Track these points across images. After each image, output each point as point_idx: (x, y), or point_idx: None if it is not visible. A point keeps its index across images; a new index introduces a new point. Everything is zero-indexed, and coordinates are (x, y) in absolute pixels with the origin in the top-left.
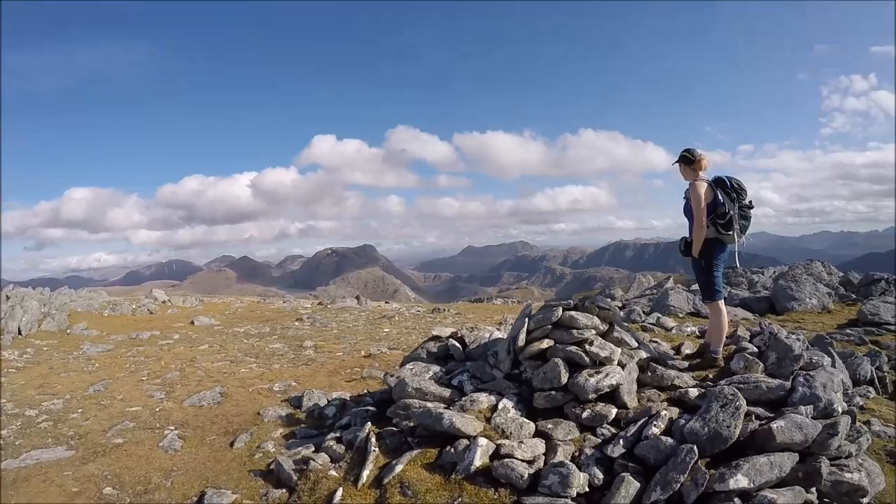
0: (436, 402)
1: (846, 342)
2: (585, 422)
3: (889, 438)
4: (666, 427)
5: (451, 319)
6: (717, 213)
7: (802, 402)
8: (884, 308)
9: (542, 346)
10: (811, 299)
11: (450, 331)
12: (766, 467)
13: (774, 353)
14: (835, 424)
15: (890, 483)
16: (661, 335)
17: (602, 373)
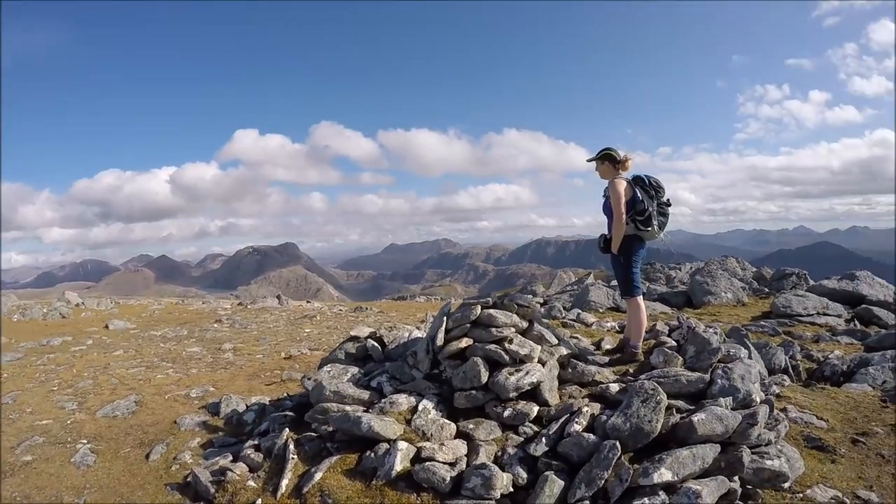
0: (354, 405)
1: (761, 333)
2: (507, 421)
3: (805, 424)
4: (588, 423)
5: (374, 318)
6: (637, 210)
7: (722, 393)
8: (795, 301)
9: (461, 346)
10: (726, 293)
11: (368, 331)
12: (689, 459)
13: (693, 347)
14: (754, 414)
15: (809, 466)
16: (581, 331)
17: (522, 371)
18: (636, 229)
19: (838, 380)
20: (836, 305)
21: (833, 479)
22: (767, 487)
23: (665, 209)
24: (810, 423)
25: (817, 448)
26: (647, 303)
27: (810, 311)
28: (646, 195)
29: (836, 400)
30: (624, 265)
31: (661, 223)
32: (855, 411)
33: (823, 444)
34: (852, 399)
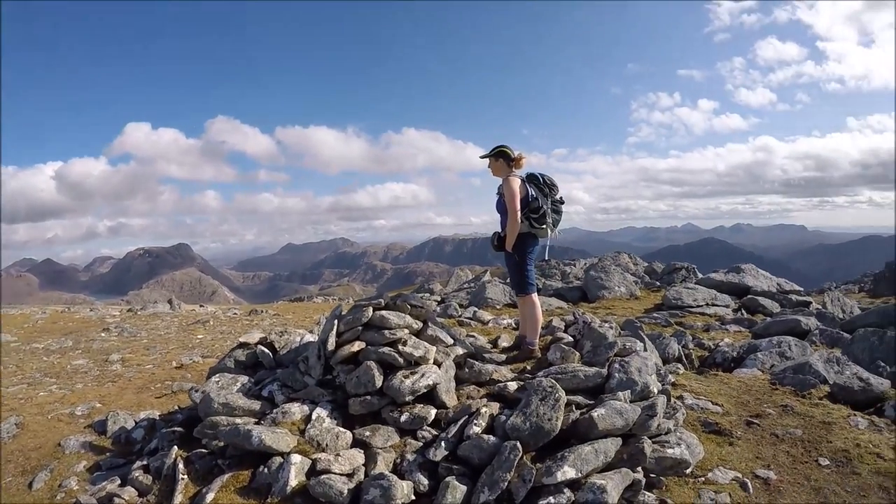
0: (245, 417)
1: (654, 325)
2: (405, 426)
3: (701, 410)
4: (487, 424)
5: (270, 321)
6: (531, 208)
7: (620, 387)
8: (685, 293)
9: (353, 349)
10: (620, 287)
11: (259, 336)
12: (592, 455)
13: (589, 342)
14: (652, 406)
15: (708, 450)
16: (478, 329)
17: (418, 373)
18: (530, 227)
19: (729, 366)
20: (723, 296)
21: (732, 461)
22: (671, 474)
23: (559, 207)
24: (706, 408)
25: (715, 432)
26: (544, 298)
27: (700, 302)
28: (540, 193)
29: (728, 385)
30: (518, 263)
31: (554, 221)
32: (747, 395)
33: (720, 428)
34: (744, 383)
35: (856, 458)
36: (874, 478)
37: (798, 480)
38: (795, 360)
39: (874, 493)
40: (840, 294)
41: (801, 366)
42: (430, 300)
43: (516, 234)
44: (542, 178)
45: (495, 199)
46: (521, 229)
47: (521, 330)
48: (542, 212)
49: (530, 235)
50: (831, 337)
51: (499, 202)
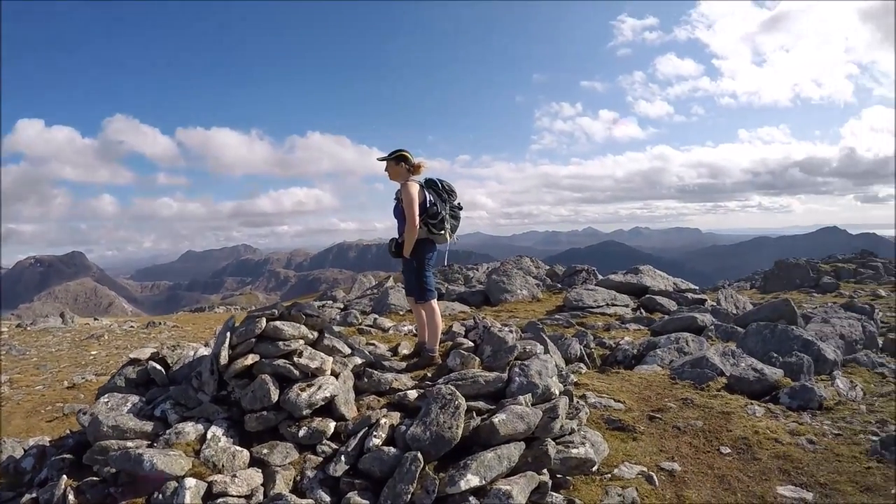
0: (137, 440)
1: (556, 326)
2: (303, 440)
3: (604, 408)
4: (388, 435)
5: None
6: (429, 214)
7: (521, 391)
8: (586, 294)
9: (247, 363)
10: (522, 290)
11: (150, 351)
12: (495, 461)
13: (490, 347)
14: (554, 408)
15: (613, 447)
16: (378, 337)
17: (314, 385)
18: (428, 233)
19: (631, 363)
20: (623, 297)
21: (637, 456)
22: (577, 474)
23: (457, 213)
24: (609, 406)
25: (618, 429)
26: (446, 303)
27: (600, 302)
28: (438, 199)
29: (630, 382)
30: (417, 269)
31: (453, 227)
32: (649, 390)
33: (624, 425)
34: (645, 379)
35: (755, 444)
36: (774, 461)
37: (702, 470)
38: (693, 355)
39: (775, 476)
40: (733, 291)
41: (698, 360)
42: (332, 308)
43: (414, 240)
44: (440, 184)
45: (393, 205)
46: (420, 235)
47: (420, 336)
48: (441, 217)
49: (428, 241)
50: (726, 332)
51: (396, 207)
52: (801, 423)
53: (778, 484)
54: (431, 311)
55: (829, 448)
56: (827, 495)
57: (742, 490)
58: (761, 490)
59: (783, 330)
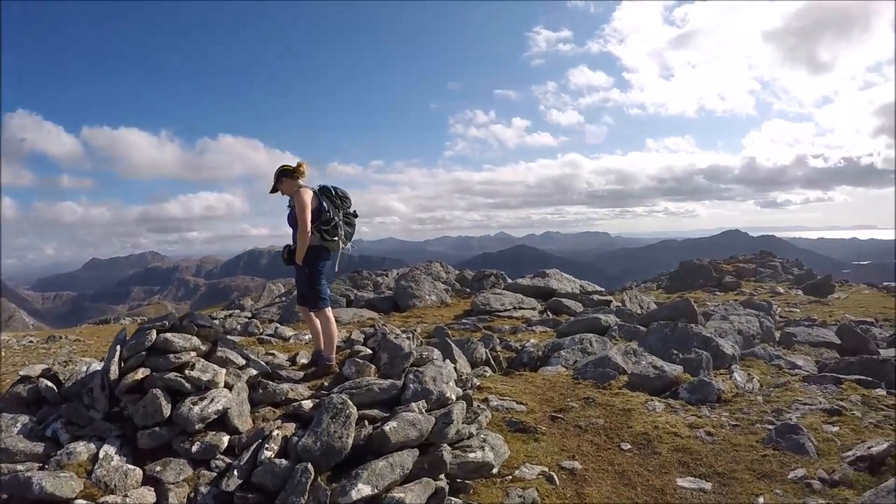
0: (29, 462)
1: (463, 330)
2: (197, 456)
3: (507, 410)
4: (281, 447)
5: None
6: (322, 220)
7: (415, 398)
8: (493, 298)
9: (137, 377)
10: (430, 296)
11: (41, 368)
12: (388, 469)
13: (386, 354)
14: (448, 413)
15: (514, 449)
16: (279, 346)
17: (207, 398)
18: (322, 240)
19: (536, 365)
20: (530, 300)
21: (538, 456)
22: (476, 477)
23: (351, 220)
24: (511, 408)
25: (520, 430)
26: (355, 310)
27: (507, 306)
28: (332, 205)
29: (533, 383)
30: (310, 276)
31: (347, 233)
32: (552, 391)
33: (526, 426)
34: (548, 381)
35: (655, 439)
36: (674, 455)
37: (602, 467)
38: (596, 355)
39: (674, 469)
40: (637, 292)
41: (601, 360)
42: (240, 317)
43: (306, 247)
44: (334, 191)
45: (287, 213)
46: (313, 242)
47: (316, 345)
48: (334, 224)
49: (322, 248)
50: (629, 331)
51: (290, 215)
52: (700, 417)
53: (677, 476)
54: (326, 319)
55: (727, 439)
56: (725, 484)
57: (642, 484)
58: (661, 483)
59: (683, 328)
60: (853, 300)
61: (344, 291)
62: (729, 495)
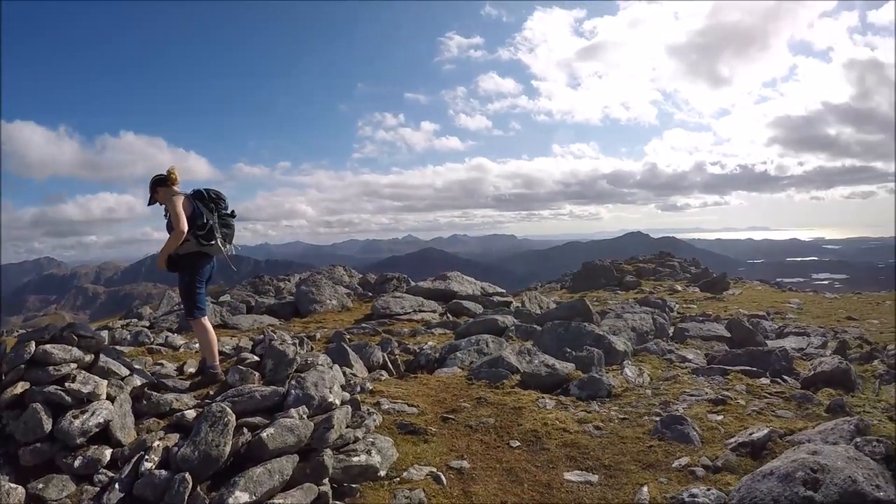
0: None
1: (362, 334)
2: (80, 471)
3: (398, 413)
4: (162, 458)
5: None
6: (198, 226)
7: (296, 403)
8: (393, 302)
9: (17, 391)
10: (331, 300)
11: None
12: (266, 476)
13: (271, 360)
14: (329, 418)
15: (404, 451)
16: (168, 356)
17: (88, 411)
18: (199, 245)
19: (433, 367)
20: (430, 303)
21: (427, 457)
22: (363, 481)
23: (229, 220)
24: (403, 411)
25: (411, 432)
26: (255, 316)
27: (407, 309)
28: (205, 208)
29: (427, 385)
30: (189, 284)
31: (225, 235)
32: (445, 392)
33: (416, 428)
34: (443, 382)
35: (544, 435)
36: (562, 450)
37: (490, 465)
38: (491, 355)
39: (562, 463)
40: (537, 293)
41: (495, 360)
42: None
43: (168, 252)
44: (206, 193)
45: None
46: (191, 248)
47: (201, 354)
48: (209, 228)
49: (200, 254)
50: (526, 331)
51: (168, 224)
52: (590, 412)
53: (565, 470)
54: (202, 328)
55: (615, 432)
56: (611, 476)
57: (529, 480)
58: (548, 478)
59: (576, 326)
60: (747, 296)
61: (245, 297)
62: (614, 486)
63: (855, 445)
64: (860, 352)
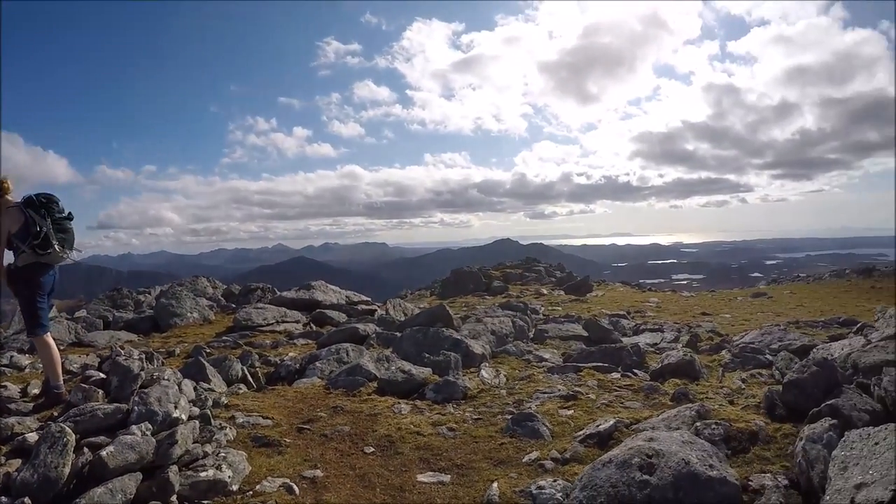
0: None
1: (223, 348)
2: None
3: (252, 426)
4: (3, 484)
5: None
6: (32, 235)
7: (139, 420)
8: (255, 313)
9: None
10: (192, 313)
11: None
12: (107, 496)
13: (116, 377)
14: (173, 434)
15: (257, 464)
16: (13, 377)
17: None
18: (36, 255)
19: (293, 378)
20: (294, 313)
21: (281, 469)
22: (213, 496)
23: (65, 224)
24: (257, 423)
25: (265, 445)
26: (112, 332)
27: (270, 320)
28: (37, 215)
29: (285, 397)
30: (28, 299)
31: (62, 240)
32: (302, 403)
33: (270, 440)
34: (301, 393)
35: (398, 440)
36: (415, 453)
37: (344, 472)
38: (350, 364)
39: (415, 466)
40: (402, 300)
41: (353, 368)
42: None
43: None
44: (37, 199)
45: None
46: (27, 260)
47: (45, 374)
48: (44, 235)
49: (39, 265)
50: (387, 338)
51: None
52: (444, 414)
53: (418, 472)
54: (44, 346)
55: (468, 432)
56: (463, 474)
57: (381, 484)
58: (401, 481)
59: (435, 332)
60: (609, 297)
61: (102, 312)
62: (466, 484)
63: (695, 430)
64: (711, 343)
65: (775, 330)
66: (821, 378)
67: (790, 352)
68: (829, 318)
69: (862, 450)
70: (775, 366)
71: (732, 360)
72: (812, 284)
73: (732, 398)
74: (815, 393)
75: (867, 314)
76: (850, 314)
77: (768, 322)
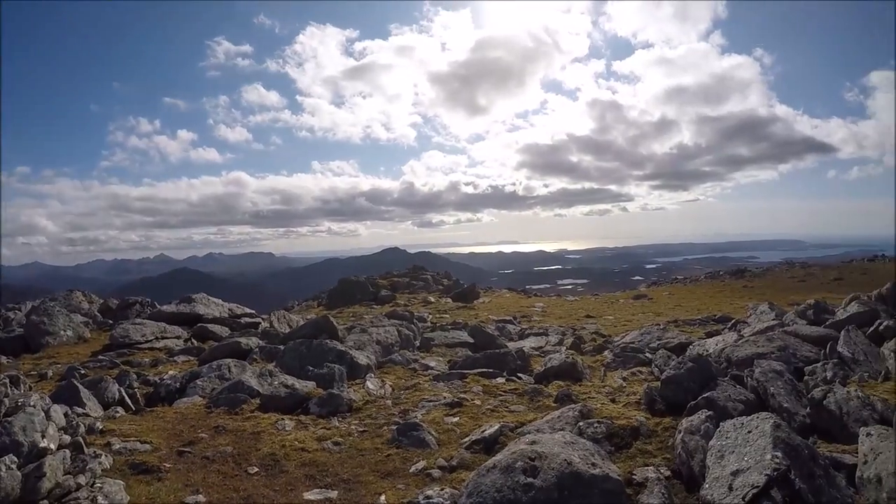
0: None
1: (99, 368)
2: None
3: (130, 452)
4: None
5: None
6: None
7: (3, 452)
8: (133, 329)
9: None
10: (66, 331)
11: None
12: None
13: None
14: (41, 466)
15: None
16: None
17: None
18: None
19: (174, 397)
20: (174, 328)
21: (161, 496)
22: None
23: None
24: (135, 449)
25: (144, 472)
26: None
27: (149, 337)
28: None
29: (164, 419)
30: None
31: None
32: (182, 424)
33: (149, 466)
34: (181, 413)
35: (283, 457)
36: (301, 470)
37: (228, 495)
38: (232, 381)
39: (301, 484)
40: (286, 312)
41: (235, 385)
42: None
43: None
44: None
45: None
46: None
47: None
48: None
49: None
50: (270, 352)
51: None
52: (329, 428)
53: (304, 490)
54: None
55: (354, 445)
56: (350, 489)
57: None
58: (287, 500)
59: (319, 344)
60: (496, 303)
61: None
62: (353, 499)
63: (578, 429)
64: (594, 344)
65: (654, 329)
66: (696, 373)
67: (668, 349)
68: (705, 315)
69: (737, 438)
70: (654, 363)
71: (614, 359)
72: (689, 286)
73: (614, 396)
74: (691, 387)
75: (740, 311)
76: (724, 312)
77: (649, 322)
